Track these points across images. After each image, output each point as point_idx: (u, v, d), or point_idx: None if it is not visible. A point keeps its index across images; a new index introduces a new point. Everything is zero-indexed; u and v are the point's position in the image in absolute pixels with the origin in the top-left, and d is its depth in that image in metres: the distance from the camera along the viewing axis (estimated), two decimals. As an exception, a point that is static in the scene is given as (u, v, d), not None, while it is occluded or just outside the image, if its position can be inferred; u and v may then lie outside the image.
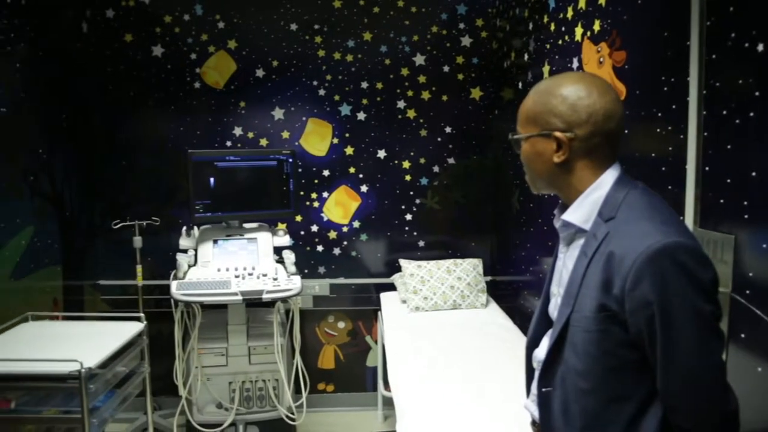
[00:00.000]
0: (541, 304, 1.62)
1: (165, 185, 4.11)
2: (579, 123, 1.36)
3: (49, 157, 3.49)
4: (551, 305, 1.56)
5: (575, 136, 1.37)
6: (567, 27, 2.85)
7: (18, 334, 2.90)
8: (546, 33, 3.14)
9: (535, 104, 1.43)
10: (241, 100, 4.09)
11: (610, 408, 1.32)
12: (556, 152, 1.40)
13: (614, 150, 1.41)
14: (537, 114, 1.42)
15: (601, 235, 1.33)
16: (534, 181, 1.52)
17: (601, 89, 1.38)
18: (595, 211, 1.39)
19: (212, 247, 3.50)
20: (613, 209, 1.35)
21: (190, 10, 4.02)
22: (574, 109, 1.36)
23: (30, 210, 3.28)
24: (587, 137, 1.37)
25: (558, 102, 1.38)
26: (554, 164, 1.41)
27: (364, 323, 4.30)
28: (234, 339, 3.51)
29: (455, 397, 2.61)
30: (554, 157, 1.40)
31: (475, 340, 3.31)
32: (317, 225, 4.21)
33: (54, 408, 2.54)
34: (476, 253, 4.19)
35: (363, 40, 4.11)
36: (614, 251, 1.27)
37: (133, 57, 4.03)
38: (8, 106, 3.05)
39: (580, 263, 1.38)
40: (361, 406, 4.32)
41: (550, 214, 3.09)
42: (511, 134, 1.52)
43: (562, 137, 1.37)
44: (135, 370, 3.04)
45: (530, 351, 1.63)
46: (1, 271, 3.01)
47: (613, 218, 1.34)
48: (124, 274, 4.03)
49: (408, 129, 4.18)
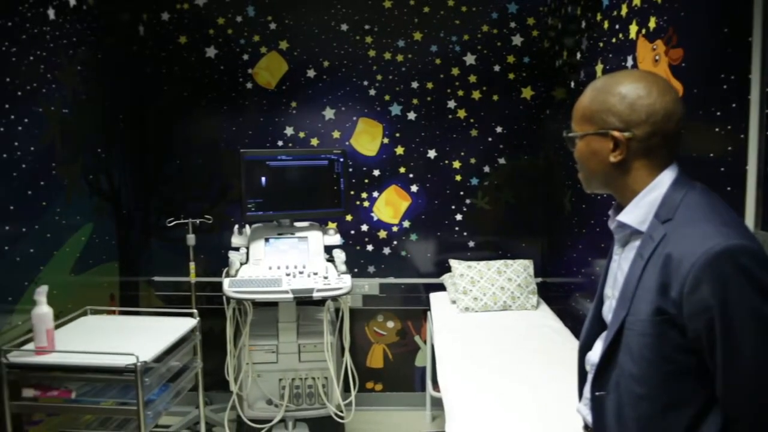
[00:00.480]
0: (595, 307, 1.59)
1: (217, 184, 4.18)
2: (637, 123, 1.33)
3: (107, 157, 3.58)
4: (605, 308, 1.53)
5: (633, 136, 1.34)
6: (621, 24, 2.80)
7: (78, 327, 3.00)
8: (599, 31, 3.09)
9: (592, 102, 1.40)
10: (292, 100, 4.13)
11: (666, 415, 1.29)
12: (612, 152, 1.37)
13: (673, 150, 1.37)
14: (594, 112, 1.39)
15: (658, 237, 1.30)
16: (588, 180, 1.49)
17: (662, 88, 1.34)
18: (651, 212, 1.36)
19: (264, 245, 3.54)
20: (671, 210, 1.31)
21: (243, 11, 4.08)
22: (633, 109, 1.33)
23: (89, 208, 3.37)
24: (646, 137, 1.34)
25: (616, 100, 1.35)
26: (610, 164, 1.38)
27: (413, 323, 4.30)
28: (284, 336, 3.55)
29: (506, 400, 2.59)
30: (610, 157, 1.38)
31: (526, 342, 3.27)
32: (367, 224, 4.22)
33: (111, 399, 2.60)
34: (526, 254, 4.15)
35: (413, 39, 4.10)
36: (672, 253, 1.24)
37: (187, 58, 4.12)
38: (70, 107, 3.14)
39: (635, 265, 1.35)
40: (409, 405, 4.31)
41: (603, 215, 3.06)
42: (566, 131, 1.49)
43: (620, 137, 1.34)
44: (188, 365, 3.10)
45: (583, 354, 1.61)
46: (63, 267, 3.11)
47: (671, 219, 1.30)
48: (177, 271, 4.12)
49: (458, 129, 4.16)
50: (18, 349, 2.57)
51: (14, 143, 2.67)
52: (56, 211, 3.03)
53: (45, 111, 2.92)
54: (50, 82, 2.95)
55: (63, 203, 3.09)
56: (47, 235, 2.95)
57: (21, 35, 2.71)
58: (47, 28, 2.92)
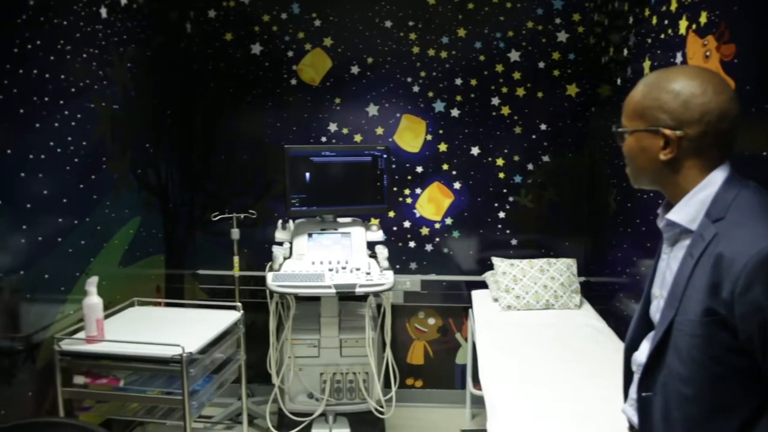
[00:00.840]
0: (642, 306, 1.57)
1: (262, 179, 4.23)
2: (690, 122, 1.31)
3: (155, 152, 3.66)
4: (652, 307, 1.51)
5: (685, 134, 1.31)
6: (671, 20, 2.75)
7: (126, 318, 3.08)
8: (647, 27, 3.04)
9: (644, 98, 1.38)
10: (336, 97, 4.16)
11: (715, 417, 1.26)
12: (662, 149, 1.35)
13: (726, 150, 1.35)
14: (645, 108, 1.37)
15: (708, 236, 1.28)
16: (636, 176, 1.47)
17: (718, 87, 1.31)
18: (702, 211, 1.33)
19: (307, 240, 3.58)
20: (723, 209, 1.29)
21: (288, 8, 4.12)
22: (687, 107, 1.31)
23: (138, 201, 3.45)
24: (698, 137, 1.31)
25: (669, 98, 1.33)
26: (660, 161, 1.36)
27: (454, 320, 4.29)
28: (326, 331, 3.58)
29: (548, 399, 2.57)
30: (660, 155, 1.36)
31: (569, 341, 3.24)
32: (409, 221, 4.22)
33: (157, 389, 2.66)
34: (570, 253, 4.10)
35: (457, 36, 4.09)
36: (723, 253, 1.22)
37: (233, 55, 4.17)
38: (120, 103, 3.22)
39: (685, 265, 1.32)
40: (449, 403, 4.31)
41: (649, 214, 3.02)
42: (615, 126, 1.47)
43: (671, 135, 1.32)
44: (231, 357, 3.15)
45: (629, 354, 1.59)
46: (112, 259, 3.19)
47: (722, 219, 1.28)
48: (221, 265, 4.18)
49: (502, 126, 4.13)
50: (70, 338, 2.65)
51: (68, 138, 2.74)
52: (106, 204, 3.10)
53: (97, 107, 2.99)
54: (102, 78, 3.03)
55: (112, 197, 3.16)
56: (97, 227, 3.02)
57: (75, 34, 2.78)
58: (99, 27, 3.00)
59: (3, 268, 2.34)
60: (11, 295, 2.39)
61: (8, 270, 2.37)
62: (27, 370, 2.49)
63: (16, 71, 2.38)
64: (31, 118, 2.49)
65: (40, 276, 2.58)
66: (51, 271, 2.64)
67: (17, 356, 2.43)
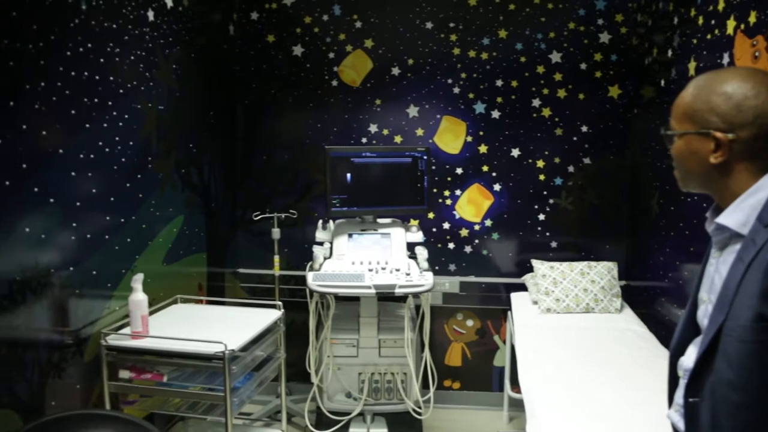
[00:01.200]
0: (688, 310, 1.55)
1: (302, 179, 4.27)
2: (743, 125, 1.28)
3: (198, 152, 3.71)
4: (700, 312, 1.49)
5: (737, 138, 1.29)
6: (718, 20, 2.70)
7: (169, 315, 3.13)
8: (693, 27, 2.99)
9: (695, 100, 1.36)
10: (376, 98, 4.18)
11: (765, 425, 1.24)
12: (713, 152, 1.33)
13: None
14: (695, 110, 1.35)
15: (761, 241, 1.25)
16: (684, 180, 1.46)
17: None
18: (753, 215, 1.31)
19: (347, 240, 3.60)
20: (776, 214, 1.27)
21: (329, 10, 4.15)
22: (739, 110, 1.28)
23: (181, 200, 3.51)
24: (750, 140, 1.29)
25: (721, 100, 1.31)
26: (710, 165, 1.34)
27: (492, 322, 4.28)
28: (365, 331, 3.60)
29: (589, 403, 2.54)
30: (711, 158, 1.33)
31: (609, 346, 3.21)
32: (449, 222, 4.22)
33: (199, 385, 2.71)
34: (610, 256, 4.06)
35: (498, 37, 4.08)
36: (776, 259, 1.20)
37: (275, 56, 4.22)
38: (166, 104, 3.28)
39: (735, 269, 1.30)
40: (487, 405, 4.30)
41: (693, 218, 2.98)
42: (664, 129, 1.45)
43: (722, 138, 1.30)
44: (271, 355, 3.17)
45: (675, 359, 1.56)
46: (156, 256, 3.25)
47: (775, 224, 1.26)
48: (261, 264, 4.24)
49: (543, 128, 4.11)
50: (116, 333, 2.71)
51: (115, 138, 2.80)
52: (151, 203, 3.16)
53: (143, 108, 3.05)
54: (148, 80, 3.09)
55: (157, 196, 3.22)
56: (143, 225, 3.08)
57: (124, 36, 2.84)
58: (146, 29, 3.06)
59: (54, 264, 2.40)
60: (61, 291, 2.45)
61: (59, 266, 2.43)
62: (76, 363, 2.55)
63: (69, 73, 2.44)
64: (81, 118, 2.55)
65: (89, 272, 2.64)
66: (98, 268, 2.70)
67: (67, 350, 2.50)
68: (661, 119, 3.43)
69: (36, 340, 2.32)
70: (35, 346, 2.32)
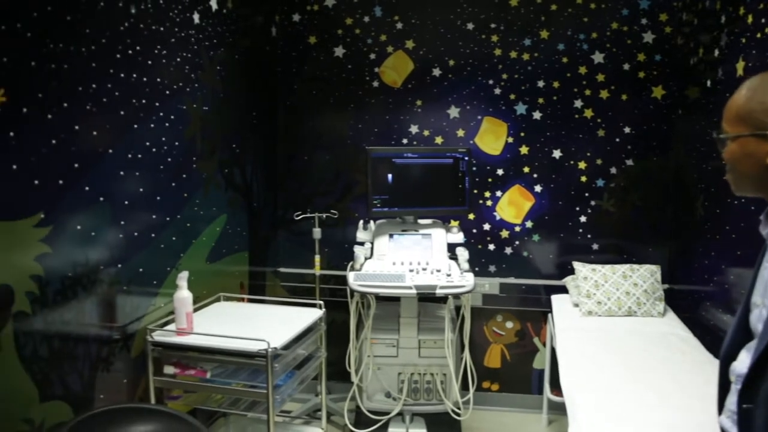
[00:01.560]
0: (740, 315, 1.52)
1: (343, 180, 4.30)
2: None
3: (241, 152, 3.77)
4: (753, 316, 1.46)
5: None
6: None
7: (212, 312, 3.18)
8: (741, 25, 2.94)
9: (749, 101, 1.34)
10: (417, 99, 4.19)
11: None
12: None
13: None
14: (750, 112, 1.33)
15: (815, 244, 1.24)
16: (738, 183, 1.43)
17: None
18: (809, 218, 1.29)
19: (388, 241, 3.62)
20: (831, 216, 1.25)
21: (370, 12, 4.17)
22: None
23: (224, 200, 3.56)
24: None
25: None
26: (766, 167, 1.32)
27: (532, 324, 4.25)
28: (405, 331, 3.61)
29: (632, 408, 2.51)
30: (767, 160, 1.32)
31: (653, 350, 3.16)
32: (489, 224, 4.21)
33: (242, 381, 2.74)
34: (653, 259, 4.00)
35: (540, 38, 4.06)
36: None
37: (317, 58, 4.26)
38: (210, 105, 3.33)
39: (791, 273, 1.29)
40: (526, 408, 4.27)
41: (739, 221, 2.92)
42: (716, 133, 1.43)
43: (779, 139, 1.29)
44: (312, 354, 3.20)
45: (726, 364, 1.53)
46: (199, 255, 3.30)
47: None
48: (302, 263, 4.28)
49: (585, 129, 4.07)
50: (161, 329, 2.76)
51: (162, 138, 2.86)
52: (195, 202, 3.22)
53: (188, 108, 3.11)
54: (193, 81, 3.14)
55: (201, 195, 3.28)
56: (187, 224, 3.14)
57: (170, 39, 2.90)
58: (192, 32, 3.11)
59: (103, 261, 2.46)
60: (109, 288, 2.51)
61: (107, 263, 2.49)
62: (123, 358, 2.62)
63: (118, 75, 2.50)
64: (130, 119, 2.61)
65: (135, 270, 2.70)
66: (145, 266, 2.77)
67: (114, 345, 2.56)
68: (707, 120, 3.37)
69: (86, 334, 2.39)
70: (85, 340, 2.38)
